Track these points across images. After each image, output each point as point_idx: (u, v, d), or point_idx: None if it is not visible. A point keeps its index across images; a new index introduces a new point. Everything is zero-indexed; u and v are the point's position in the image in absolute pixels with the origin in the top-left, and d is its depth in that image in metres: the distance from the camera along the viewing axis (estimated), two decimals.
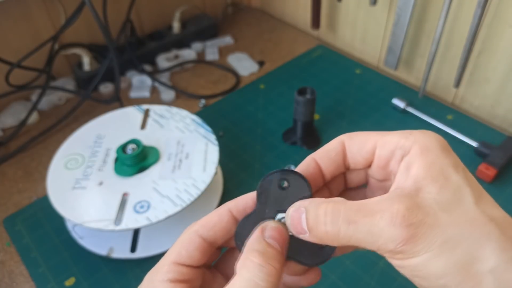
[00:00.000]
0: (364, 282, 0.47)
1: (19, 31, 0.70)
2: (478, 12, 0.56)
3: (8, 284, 0.49)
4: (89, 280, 0.49)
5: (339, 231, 0.21)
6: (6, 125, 0.69)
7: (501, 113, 0.66)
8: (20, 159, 0.64)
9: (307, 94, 0.59)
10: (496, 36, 0.61)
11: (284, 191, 0.24)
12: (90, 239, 0.51)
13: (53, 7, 0.71)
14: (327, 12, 0.84)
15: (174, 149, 0.54)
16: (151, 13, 0.84)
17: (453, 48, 0.67)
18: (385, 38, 0.76)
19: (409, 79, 0.77)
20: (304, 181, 0.24)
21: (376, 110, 0.69)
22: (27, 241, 0.53)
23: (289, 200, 0.24)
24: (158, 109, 0.60)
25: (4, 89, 0.67)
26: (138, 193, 0.49)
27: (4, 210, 0.57)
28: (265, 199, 0.24)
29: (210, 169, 0.51)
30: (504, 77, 0.63)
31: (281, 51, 0.85)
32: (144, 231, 0.52)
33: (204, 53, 0.85)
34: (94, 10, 0.59)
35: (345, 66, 0.79)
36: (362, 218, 0.21)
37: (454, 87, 0.66)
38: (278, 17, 0.97)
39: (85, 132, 0.57)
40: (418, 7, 0.68)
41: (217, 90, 0.75)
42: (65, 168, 0.52)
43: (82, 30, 0.76)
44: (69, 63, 0.78)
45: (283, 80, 0.77)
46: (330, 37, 0.87)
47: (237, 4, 0.99)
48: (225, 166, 0.60)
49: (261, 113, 0.70)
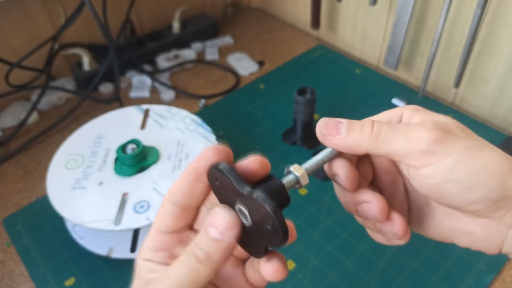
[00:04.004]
0: (364, 282, 0.47)
1: (19, 31, 0.70)
2: (478, 12, 0.56)
3: (8, 284, 0.49)
4: (89, 280, 0.49)
5: (380, 132, 0.23)
6: (6, 125, 0.69)
7: (501, 113, 0.66)
8: (20, 159, 0.64)
9: (307, 94, 0.59)
10: (496, 36, 0.61)
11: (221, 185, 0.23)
12: (90, 239, 0.51)
13: (53, 7, 0.71)
14: (327, 12, 0.84)
15: (174, 149, 0.54)
16: (151, 13, 0.84)
17: (453, 48, 0.67)
18: (385, 38, 0.76)
19: (409, 79, 0.76)
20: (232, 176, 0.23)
21: (376, 110, 0.68)
22: (27, 241, 0.53)
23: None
24: (158, 109, 0.60)
25: (4, 89, 0.67)
26: (138, 193, 0.49)
27: (4, 210, 0.57)
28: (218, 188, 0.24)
29: None
30: (504, 77, 0.63)
31: (281, 51, 0.85)
32: (144, 231, 0.52)
33: (204, 53, 0.85)
34: (94, 10, 0.59)
35: (345, 66, 0.79)
36: (399, 124, 0.24)
37: (454, 87, 0.66)
38: (278, 17, 0.97)
39: (85, 132, 0.57)
40: (418, 7, 0.68)
41: (217, 90, 0.75)
42: (65, 168, 0.52)
43: (82, 30, 0.76)
44: (69, 63, 0.78)
45: (283, 80, 0.77)
46: (330, 37, 0.87)
47: (237, 4, 0.99)
48: None
49: (261, 113, 0.70)
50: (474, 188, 0.21)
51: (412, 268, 0.48)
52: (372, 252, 0.50)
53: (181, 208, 0.25)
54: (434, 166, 0.22)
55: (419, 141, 0.22)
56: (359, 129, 0.24)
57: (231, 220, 0.22)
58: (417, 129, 0.22)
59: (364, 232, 0.29)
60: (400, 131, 0.23)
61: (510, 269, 0.48)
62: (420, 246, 0.50)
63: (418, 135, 0.22)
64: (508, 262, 0.49)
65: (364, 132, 0.23)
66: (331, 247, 0.51)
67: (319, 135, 0.25)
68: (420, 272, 0.48)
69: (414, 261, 0.49)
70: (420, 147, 0.22)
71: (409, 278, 0.47)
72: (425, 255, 0.49)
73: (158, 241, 0.25)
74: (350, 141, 0.24)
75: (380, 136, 0.23)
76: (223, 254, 0.22)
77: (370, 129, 0.23)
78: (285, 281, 0.24)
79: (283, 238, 0.21)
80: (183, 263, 0.22)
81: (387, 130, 0.23)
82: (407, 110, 0.25)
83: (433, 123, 0.22)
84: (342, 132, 0.24)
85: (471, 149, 0.22)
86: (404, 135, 0.23)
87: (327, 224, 0.53)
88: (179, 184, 0.24)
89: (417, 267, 0.48)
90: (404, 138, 0.22)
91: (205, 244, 0.22)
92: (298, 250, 0.50)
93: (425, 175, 0.22)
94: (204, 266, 0.22)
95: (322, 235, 0.52)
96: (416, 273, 0.48)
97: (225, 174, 0.22)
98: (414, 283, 0.47)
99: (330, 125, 0.24)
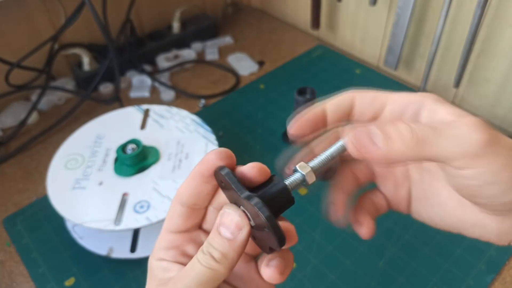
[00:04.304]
0: (364, 282, 0.47)
1: (19, 31, 0.70)
2: (478, 12, 0.56)
3: (8, 284, 0.49)
4: (89, 280, 0.49)
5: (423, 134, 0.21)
6: (6, 125, 0.69)
7: (501, 113, 0.66)
8: (20, 159, 0.64)
9: (307, 94, 0.59)
10: (496, 36, 0.61)
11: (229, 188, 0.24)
12: (89, 239, 0.51)
13: (53, 7, 0.71)
14: (327, 12, 0.84)
15: (174, 149, 0.54)
16: (151, 13, 0.84)
17: (453, 48, 0.67)
18: (385, 38, 0.76)
19: (409, 79, 0.76)
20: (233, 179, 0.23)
21: None
22: (27, 241, 0.53)
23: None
24: (158, 109, 0.60)
25: (4, 89, 0.67)
26: (138, 193, 0.49)
27: (4, 210, 0.57)
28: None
29: None
30: (504, 77, 0.63)
31: (281, 51, 0.85)
32: (144, 231, 0.52)
33: (204, 53, 0.85)
34: (94, 10, 0.59)
35: (345, 66, 0.79)
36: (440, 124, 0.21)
37: (454, 87, 0.66)
38: (278, 17, 0.97)
39: (85, 132, 0.57)
40: (418, 7, 0.68)
41: (217, 90, 0.75)
42: (65, 168, 0.52)
43: (82, 30, 0.76)
44: (69, 63, 0.78)
45: (283, 80, 0.77)
46: (330, 37, 0.87)
47: (237, 4, 0.99)
48: None
49: (261, 113, 0.70)
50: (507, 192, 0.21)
51: (412, 268, 0.48)
52: (372, 252, 0.50)
53: (189, 208, 0.25)
54: (480, 169, 0.21)
55: (469, 143, 0.20)
56: (398, 137, 0.21)
57: (240, 220, 0.22)
58: (463, 129, 0.21)
59: None
60: (444, 132, 0.21)
61: (510, 269, 0.48)
62: (420, 246, 0.50)
63: (466, 137, 0.21)
64: (508, 262, 0.49)
65: (404, 139, 0.21)
66: (331, 247, 0.51)
67: (352, 150, 0.22)
68: (420, 272, 0.48)
69: (414, 261, 0.49)
70: (471, 149, 0.20)
71: (409, 278, 0.47)
72: (425, 255, 0.49)
73: (168, 240, 0.25)
74: (392, 153, 0.21)
75: (423, 140, 0.21)
76: (237, 252, 0.22)
77: (409, 134, 0.21)
78: (285, 281, 0.25)
79: (277, 244, 0.21)
80: (200, 262, 0.22)
81: (430, 133, 0.21)
82: (430, 100, 0.23)
83: (475, 121, 0.21)
84: (379, 144, 0.21)
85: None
86: (450, 136, 0.21)
87: (327, 224, 0.53)
88: (186, 185, 0.25)
89: (417, 267, 0.48)
90: (450, 140, 0.21)
91: (219, 243, 0.22)
92: (298, 250, 0.50)
93: (468, 176, 0.21)
94: (221, 265, 0.22)
95: (322, 235, 0.52)
96: (416, 273, 0.48)
97: (226, 178, 0.23)
98: (414, 283, 0.47)
99: (362, 137, 0.22)
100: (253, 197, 0.21)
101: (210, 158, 0.24)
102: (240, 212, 0.22)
